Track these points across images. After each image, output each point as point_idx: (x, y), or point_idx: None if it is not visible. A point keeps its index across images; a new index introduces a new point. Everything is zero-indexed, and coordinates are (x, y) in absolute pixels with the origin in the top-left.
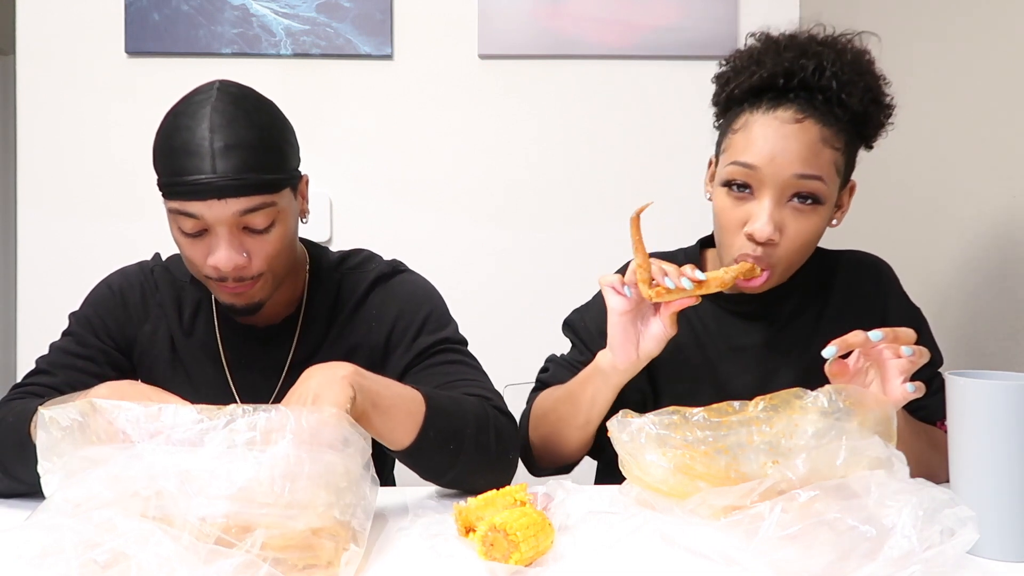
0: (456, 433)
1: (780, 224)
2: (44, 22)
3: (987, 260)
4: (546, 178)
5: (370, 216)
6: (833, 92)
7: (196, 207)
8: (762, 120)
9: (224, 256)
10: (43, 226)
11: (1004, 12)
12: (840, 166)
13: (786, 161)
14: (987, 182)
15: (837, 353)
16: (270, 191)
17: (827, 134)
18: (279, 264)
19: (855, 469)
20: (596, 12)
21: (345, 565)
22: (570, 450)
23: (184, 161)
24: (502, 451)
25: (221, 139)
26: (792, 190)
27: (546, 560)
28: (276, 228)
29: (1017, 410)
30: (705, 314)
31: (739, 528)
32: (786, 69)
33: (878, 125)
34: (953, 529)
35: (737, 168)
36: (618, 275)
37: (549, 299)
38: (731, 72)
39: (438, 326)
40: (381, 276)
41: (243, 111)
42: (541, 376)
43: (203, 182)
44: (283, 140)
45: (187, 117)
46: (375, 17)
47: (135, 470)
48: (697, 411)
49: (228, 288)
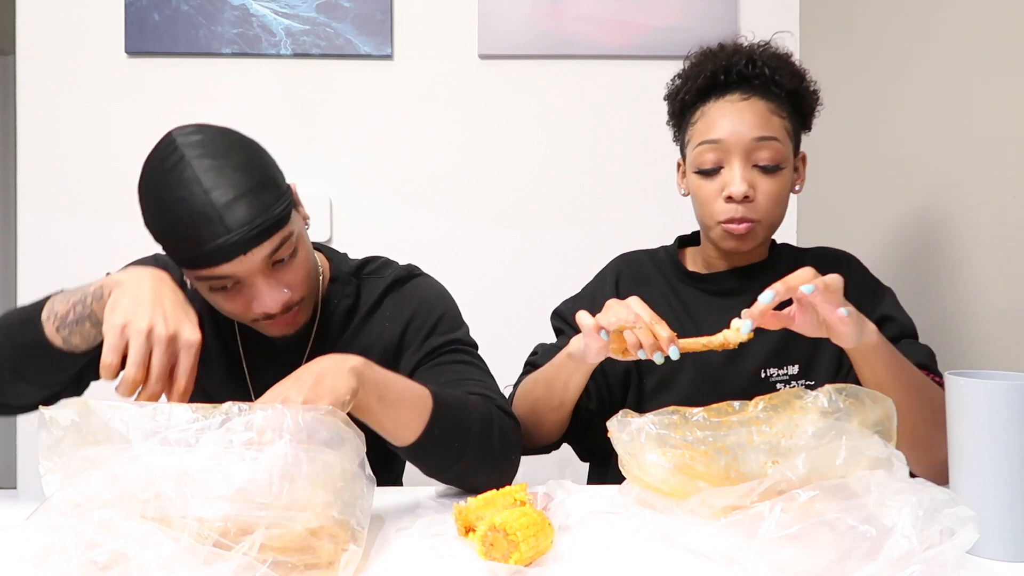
0: (461, 430)
1: (752, 183)
2: (44, 22)
3: (987, 260)
4: (546, 178)
5: (370, 216)
6: (767, 76)
7: (225, 269)
8: (715, 105)
9: (269, 300)
10: (43, 226)
11: (1004, 12)
12: (790, 131)
13: (744, 128)
14: (986, 182)
15: (775, 299)
16: (283, 225)
17: (772, 106)
18: (311, 282)
19: (855, 469)
20: (596, 12)
21: (344, 566)
22: (547, 431)
23: (194, 232)
24: (505, 451)
25: (221, 196)
26: (754, 154)
27: (546, 560)
28: (299, 253)
29: (1017, 410)
30: (686, 295)
31: (739, 528)
32: (724, 66)
33: (810, 105)
34: (953, 529)
35: (705, 147)
36: (596, 321)
37: (548, 299)
38: (679, 84)
39: (450, 328)
40: (397, 280)
41: (222, 159)
42: (530, 359)
43: (223, 245)
44: (269, 168)
45: (173, 189)
46: (375, 17)
47: (133, 472)
48: (697, 411)
49: (277, 324)
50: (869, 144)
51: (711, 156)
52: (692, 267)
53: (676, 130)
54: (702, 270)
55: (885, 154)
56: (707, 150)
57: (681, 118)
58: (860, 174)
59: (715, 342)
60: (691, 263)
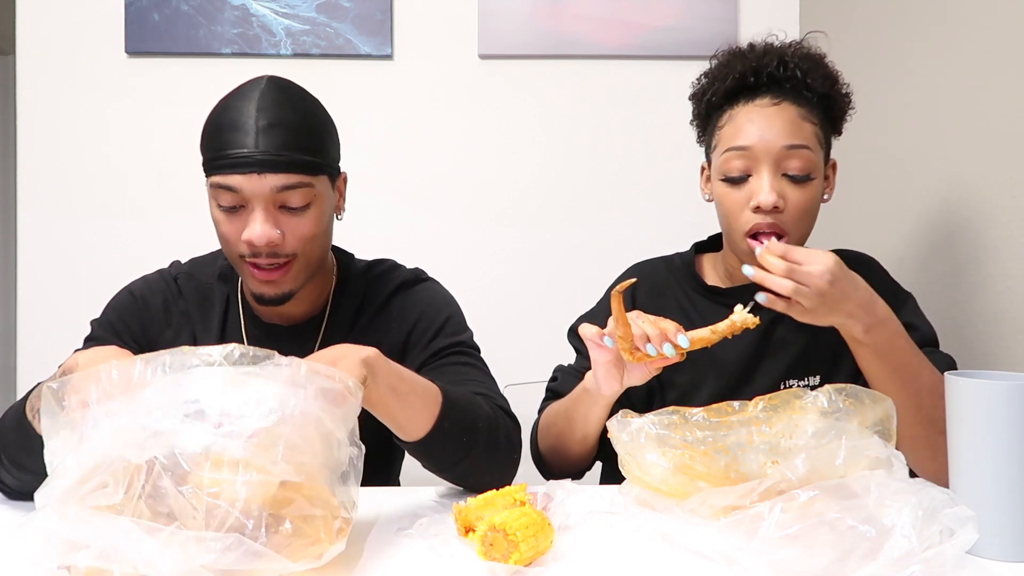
0: (470, 427)
1: (781, 192)
2: (44, 22)
3: (987, 260)
4: (546, 178)
5: (370, 216)
6: (799, 79)
7: (236, 180)
8: (744, 110)
9: (259, 229)
10: (43, 226)
11: (1003, 12)
12: (821, 139)
13: (773, 136)
14: (987, 182)
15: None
16: (308, 172)
17: (803, 111)
18: (312, 250)
19: (855, 469)
20: (596, 12)
21: (337, 532)
22: (573, 461)
23: (228, 136)
24: (509, 450)
25: (265, 118)
26: (784, 162)
27: (546, 560)
28: (311, 210)
29: (1017, 410)
30: (703, 307)
31: (739, 528)
32: (754, 68)
33: (841, 109)
34: (953, 529)
35: (732, 153)
36: (598, 328)
37: (548, 299)
38: (706, 84)
39: (455, 331)
40: (405, 283)
41: (288, 97)
42: (551, 385)
43: (244, 155)
44: (324, 130)
45: (236, 99)
46: (375, 17)
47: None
48: (697, 411)
49: (260, 273)
50: (869, 144)
51: (739, 164)
52: (711, 277)
53: (701, 132)
54: (722, 281)
55: (884, 155)
56: (734, 157)
57: (707, 120)
58: (860, 174)
59: (722, 327)
60: (710, 272)
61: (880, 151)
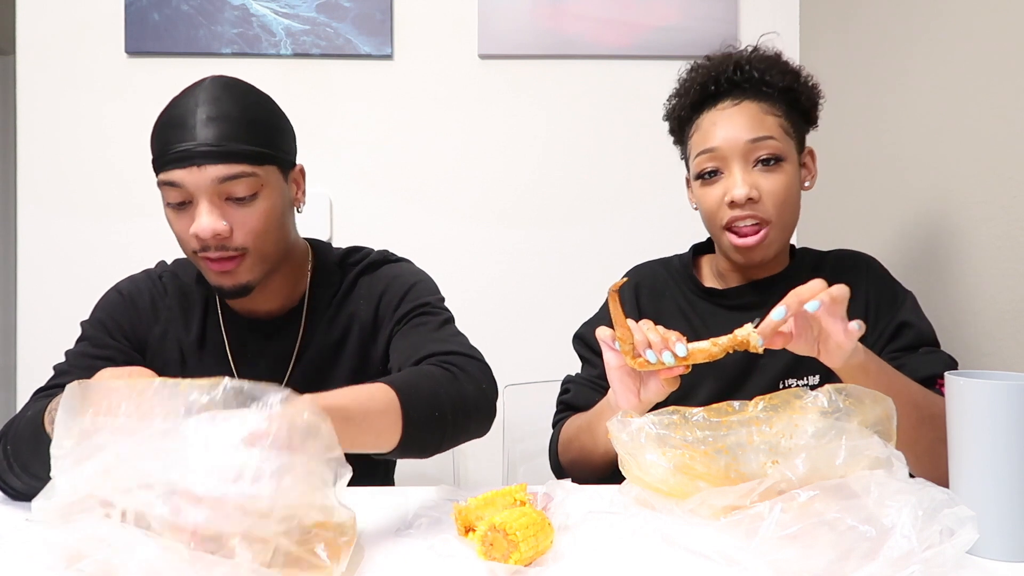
0: (435, 411)
1: (754, 184)
2: (44, 22)
3: (987, 260)
4: (546, 178)
5: (370, 216)
6: (756, 79)
7: (178, 175)
8: (708, 116)
9: (205, 222)
10: (43, 226)
11: (1004, 12)
12: (787, 128)
13: (737, 132)
14: (986, 182)
15: (786, 316)
16: (250, 162)
17: (764, 106)
18: (264, 244)
19: (855, 469)
20: (596, 12)
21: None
22: (598, 473)
23: (171, 133)
24: (480, 401)
25: (205, 112)
26: (753, 155)
27: (546, 560)
28: (259, 202)
29: (1017, 410)
30: (702, 309)
31: (739, 528)
32: (713, 76)
33: (810, 99)
34: (953, 529)
35: (703, 156)
36: (611, 331)
37: (548, 299)
38: (675, 102)
39: (418, 295)
40: (372, 263)
41: (231, 92)
42: (563, 398)
43: (185, 149)
44: (269, 121)
45: (181, 98)
46: (375, 17)
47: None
48: (697, 411)
49: (214, 265)
50: (869, 145)
51: (709, 165)
52: (708, 279)
53: (680, 147)
54: (718, 283)
55: (885, 155)
56: (705, 160)
57: (681, 134)
58: (860, 174)
59: (723, 341)
60: (707, 274)
61: (879, 151)
